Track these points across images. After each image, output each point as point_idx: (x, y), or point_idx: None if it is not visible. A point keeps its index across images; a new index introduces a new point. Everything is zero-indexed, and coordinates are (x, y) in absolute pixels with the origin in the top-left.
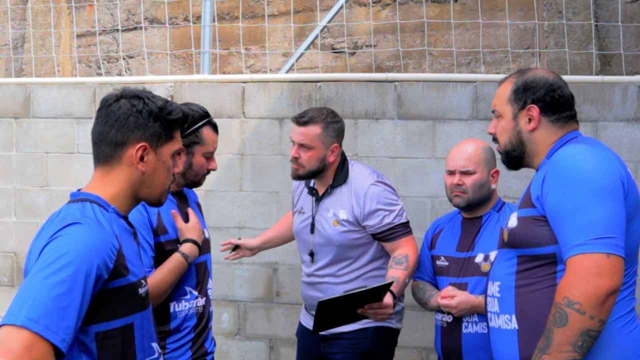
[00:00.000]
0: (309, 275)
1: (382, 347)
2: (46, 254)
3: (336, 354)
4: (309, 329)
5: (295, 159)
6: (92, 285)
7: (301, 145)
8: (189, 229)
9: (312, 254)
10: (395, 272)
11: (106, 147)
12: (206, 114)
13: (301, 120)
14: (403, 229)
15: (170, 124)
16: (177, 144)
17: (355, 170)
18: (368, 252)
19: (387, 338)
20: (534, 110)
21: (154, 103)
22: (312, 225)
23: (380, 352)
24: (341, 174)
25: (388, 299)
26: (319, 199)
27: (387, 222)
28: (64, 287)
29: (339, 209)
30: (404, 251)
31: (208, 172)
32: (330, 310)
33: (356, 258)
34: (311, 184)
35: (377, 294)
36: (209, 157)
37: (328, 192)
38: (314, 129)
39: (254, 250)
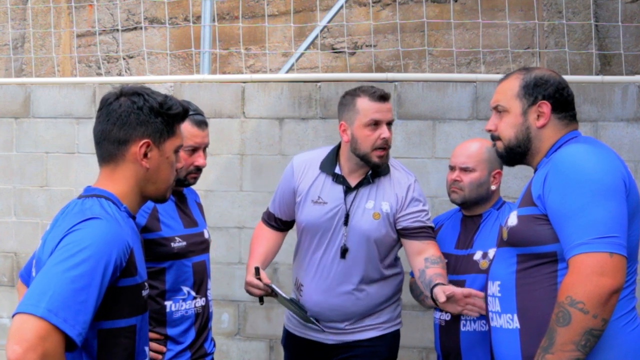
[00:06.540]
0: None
1: (395, 350)
2: (65, 246)
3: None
4: (310, 340)
5: (387, 141)
6: (108, 281)
7: (389, 124)
8: None
9: (344, 251)
10: (437, 270)
11: (110, 146)
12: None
13: (386, 95)
14: (431, 232)
15: (171, 119)
16: (178, 139)
17: (395, 162)
18: (392, 254)
19: (397, 340)
20: (546, 107)
21: (154, 99)
22: (347, 217)
23: (394, 355)
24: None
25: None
26: (352, 188)
27: (422, 219)
28: (83, 281)
29: (381, 200)
30: (437, 252)
31: (197, 170)
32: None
33: (386, 257)
34: (336, 171)
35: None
36: (190, 152)
37: (368, 181)
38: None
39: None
